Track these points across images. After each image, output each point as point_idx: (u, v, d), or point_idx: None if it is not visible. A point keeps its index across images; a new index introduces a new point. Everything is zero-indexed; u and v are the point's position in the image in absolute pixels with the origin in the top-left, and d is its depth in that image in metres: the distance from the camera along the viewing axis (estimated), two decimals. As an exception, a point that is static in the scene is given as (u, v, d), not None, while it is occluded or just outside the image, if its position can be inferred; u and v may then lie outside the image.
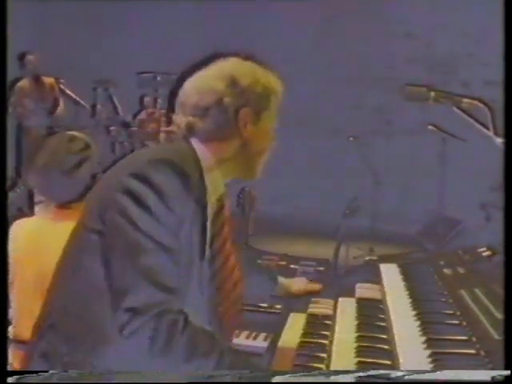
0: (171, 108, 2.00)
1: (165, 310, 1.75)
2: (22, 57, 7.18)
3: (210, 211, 1.91)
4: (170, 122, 2.01)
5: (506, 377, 1.63)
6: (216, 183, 1.94)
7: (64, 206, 2.62)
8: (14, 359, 2.50)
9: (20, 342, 2.46)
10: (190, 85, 1.95)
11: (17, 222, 2.68)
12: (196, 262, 1.87)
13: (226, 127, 1.91)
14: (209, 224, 1.90)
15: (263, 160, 2.03)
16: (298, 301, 2.61)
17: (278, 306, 2.88)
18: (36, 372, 1.84)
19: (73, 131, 2.77)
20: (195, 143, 1.92)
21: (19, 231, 2.61)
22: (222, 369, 1.77)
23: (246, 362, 1.84)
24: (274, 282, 2.54)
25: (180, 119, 1.95)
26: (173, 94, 1.99)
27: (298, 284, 2.60)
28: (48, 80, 7.40)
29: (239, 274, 2.04)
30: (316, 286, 2.60)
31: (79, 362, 1.83)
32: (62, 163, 2.57)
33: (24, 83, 7.25)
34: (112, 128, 7.78)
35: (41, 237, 2.57)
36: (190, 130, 1.92)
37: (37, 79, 7.31)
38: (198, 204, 1.85)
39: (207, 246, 1.90)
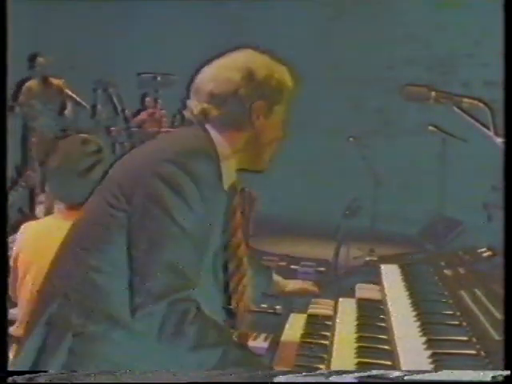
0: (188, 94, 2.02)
1: (180, 298, 1.77)
2: (32, 58, 7.23)
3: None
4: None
5: (506, 377, 1.63)
6: (230, 172, 1.97)
7: (76, 207, 2.63)
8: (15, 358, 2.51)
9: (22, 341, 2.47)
10: (206, 72, 1.98)
11: (27, 223, 2.70)
12: (212, 250, 1.90)
13: (239, 118, 1.95)
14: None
15: (272, 152, 2.07)
16: (298, 301, 2.61)
17: (278, 307, 2.88)
18: (36, 372, 1.85)
19: (85, 134, 2.81)
20: (211, 130, 1.95)
21: (29, 233, 2.62)
22: (225, 362, 1.78)
23: (250, 359, 1.85)
24: (269, 279, 2.53)
25: (194, 104, 1.97)
26: (191, 82, 2.02)
27: (293, 284, 2.59)
28: (56, 81, 7.42)
29: (246, 265, 2.07)
30: (312, 287, 2.58)
31: (89, 333, 1.83)
32: (76, 165, 2.59)
33: (32, 84, 7.27)
34: (112, 129, 7.79)
35: (51, 238, 2.58)
36: (205, 116, 1.95)
37: (45, 80, 7.34)
38: (221, 190, 1.91)
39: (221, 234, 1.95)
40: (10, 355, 2.43)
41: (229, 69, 1.96)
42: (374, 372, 1.77)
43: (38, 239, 2.55)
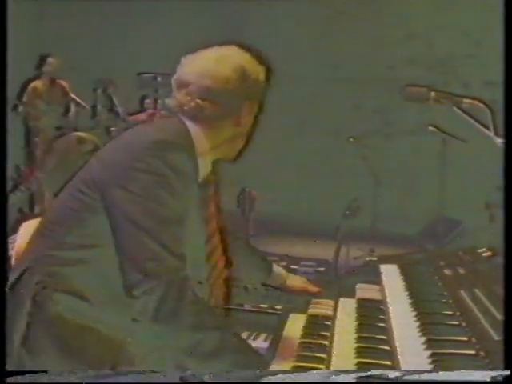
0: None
1: (176, 277, 1.82)
2: (43, 59, 7.26)
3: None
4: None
5: (506, 377, 1.63)
6: (205, 165, 2.03)
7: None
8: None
9: None
10: (195, 65, 2.01)
11: (25, 222, 2.70)
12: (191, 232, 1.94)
13: (229, 116, 2.01)
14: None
15: (243, 144, 2.14)
16: (298, 301, 2.61)
17: (278, 307, 2.88)
18: (36, 372, 1.85)
19: (81, 132, 2.81)
20: (191, 126, 1.99)
21: (28, 232, 2.62)
22: (222, 349, 1.79)
23: (247, 348, 1.87)
24: (268, 270, 2.54)
25: (184, 98, 1.99)
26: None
27: (295, 279, 2.61)
28: (61, 83, 7.44)
29: (220, 254, 2.14)
30: (314, 287, 2.59)
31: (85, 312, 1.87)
32: (73, 164, 2.60)
33: (38, 84, 7.29)
34: (112, 129, 7.78)
35: None
36: (198, 112, 1.98)
37: (51, 81, 7.35)
38: (195, 181, 1.96)
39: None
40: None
41: (226, 67, 2.00)
42: (374, 372, 1.78)
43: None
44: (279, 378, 1.83)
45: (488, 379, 1.62)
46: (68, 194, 1.99)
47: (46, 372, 1.85)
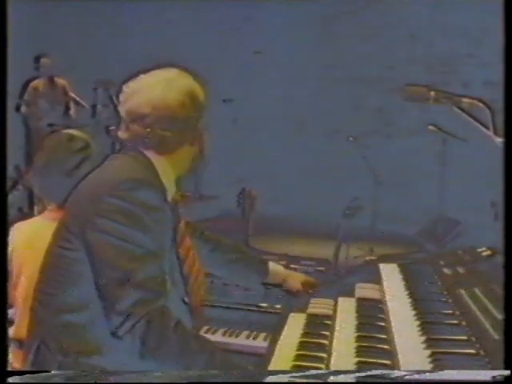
0: (118, 115, 2.09)
1: (154, 309, 1.83)
2: (36, 59, 7.27)
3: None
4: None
5: (506, 377, 1.63)
6: (170, 183, 2.06)
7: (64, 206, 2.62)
8: (14, 359, 2.51)
9: (21, 342, 2.47)
10: (144, 94, 2.02)
11: (17, 224, 2.69)
12: (168, 260, 1.98)
13: (186, 138, 2.05)
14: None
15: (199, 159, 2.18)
16: (298, 301, 2.60)
17: (278, 306, 2.88)
18: (36, 372, 1.85)
19: (72, 130, 2.77)
20: (153, 157, 2.02)
21: (19, 233, 2.61)
22: (211, 368, 1.81)
23: (236, 363, 1.88)
24: (264, 270, 2.56)
25: (137, 129, 2.01)
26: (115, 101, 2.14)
27: (294, 276, 2.64)
28: (61, 82, 7.44)
29: (199, 265, 2.18)
30: (314, 280, 2.63)
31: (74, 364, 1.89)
32: (62, 163, 2.57)
33: (38, 84, 7.31)
34: (112, 128, 7.78)
35: (40, 237, 2.57)
36: (163, 142, 2.01)
37: (51, 81, 7.36)
38: (168, 208, 1.99)
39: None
40: (10, 357, 2.44)
41: (176, 93, 2.02)
42: (374, 372, 1.78)
43: (29, 240, 2.55)
44: (279, 377, 1.83)
45: (488, 378, 1.62)
46: (53, 256, 2.00)
47: (45, 372, 1.85)
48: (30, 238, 2.57)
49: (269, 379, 1.82)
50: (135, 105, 2.01)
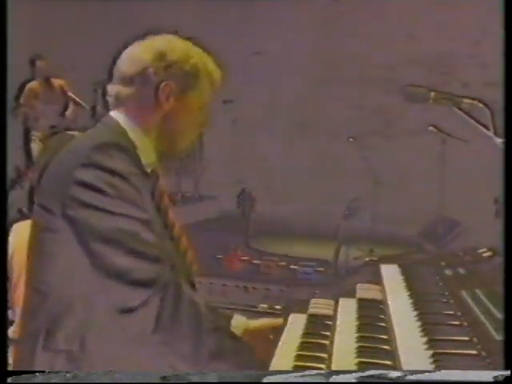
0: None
1: (167, 282, 1.78)
2: (32, 61, 7.27)
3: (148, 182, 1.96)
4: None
5: (506, 377, 1.63)
6: (147, 153, 1.97)
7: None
8: (15, 359, 2.52)
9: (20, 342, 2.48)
10: (123, 54, 2.03)
11: (16, 224, 2.69)
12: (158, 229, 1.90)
13: (147, 98, 1.96)
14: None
15: (189, 138, 2.06)
16: (298, 302, 2.60)
17: (278, 307, 2.88)
18: (36, 372, 1.84)
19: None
20: (118, 116, 1.97)
21: (20, 233, 2.62)
22: (222, 351, 1.78)
23: (246, 348, 1.88)
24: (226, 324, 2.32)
25: (111, 88, 2.01)
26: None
27: (257, 322, 2.42)
28: (58, 82, 7.45)
29: (186, 243, 2.08)
30: (277, 320, 2.42)
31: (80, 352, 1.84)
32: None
33: (34, 85, 7.32)
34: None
35: None
36: (117, 98, 1.98)
37: (47, 82, 7.37)
38: (143, 175, 1.91)
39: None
40: (10, 358, 2.44)
41: (142, 51, 1.99)
42: (375, 372, 1.77)
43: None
44: (279, 378, 1.83)
45: (490, 379, 1.62)
46: (36, 243, 1.93)
47: (45, 372, 1.84)
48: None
49: (269, 379, 1.81)
50: (115, 66, 2.03)
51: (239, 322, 2.35)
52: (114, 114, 1.98)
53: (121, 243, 1.78)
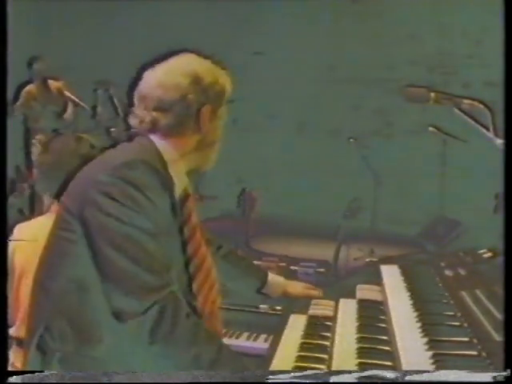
0: (131, 101, 2.05)
1: (167, 296, 1.80)
2: (29, 64, 7.27)
3: (178, 202, 1.98)
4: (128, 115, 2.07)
5: (506, 377, 1.63)
6: (180, 176, 2.01)
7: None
8: (15, 358, 2.52)
9: (22, 341, 2.48)
10: (151, 78, 2.01)
11: (19, 224, 2.70)
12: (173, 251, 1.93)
13: (188, 123, 1.99)
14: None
15: (216, 151, 2.11)
16: (298, 302, 2.60)
17: (279, 308, 2.88)
18: (36, 372, 1.85)
19: (78, 133, 2.84)
20: (155, 139, 1.98)
21: (22, 233, 2.63)
22: (218, 363, 1.79)
23: (241, 361, 1.87)
24: (262, 280, 2.50)
25: (142, 113, 1.99)
26: (131, 88, 2.06)
27: (295, 286, 2.56)
28: (56, 83, 7.45)
29: (210, 264, 2.10)
30: (315, 291, 2.54)
31: (74, 354, 1.86)
32: (69, 164, 2.59)
33: (32, 87, 7.31)
34: (112, 129, 7.77)
35: (44, 236, 2.60)
36: (155, 125, 1.98)
37: (44, 83, 7.36)
38: (170, 196, 1.94)
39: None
40: (11, 357, 2.44)
41: (176, 74, 1.99)
42: (375, 372, 1.77)
43: (33, 239, 2.56)
44: (280, 378, 1.83)
45: (489, 380, 1.62)
46: (52, 240, 1.97)
47: (45, 372, 1.84)
48: (34, 237, 2.57)
49: (270, 380, 1.82)
50: (141, 88, 2.01)
51: (277, 281, 2.47)
52: (152, 137, 1.99)
53: (127, 252, 1.81)
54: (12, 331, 2.52)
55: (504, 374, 1.64)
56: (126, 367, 1.84)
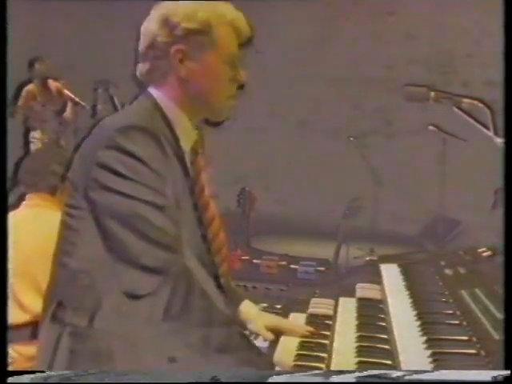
0: None
1: (178, 272, 1.76)
2: (31, 63, 7.27)
3: (186, 160, 1.91)
4: None
5: (506, 377, 1.63)
6: (187, 130, 1.93)
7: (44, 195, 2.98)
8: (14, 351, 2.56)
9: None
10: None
11: (12, 212, 2.85)
12: (183, 214, 1.86)
13: (162, 67, 1.89)
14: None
15: (221, 98, 1.95)
16: (298, 301, 2.61)
17: (278, 306, 2.87)
18: (35, 372, 1.85)
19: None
20: (152, 91, 1.92)
21: (17, 222, 2.72)
22: (228, 345, 1.77)
23: (252, 345, 1.87)
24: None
25: (137, 67, 1.96)
26: None
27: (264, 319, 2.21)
28: (55, 83, 7.45)
29: (220, 222, 2.02)
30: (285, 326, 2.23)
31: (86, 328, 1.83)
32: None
33: (31, 87, 7.32)
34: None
35: (21, 230, 2.78)
36: (141, 76, 1.94)
37: (44, 83, 7.37)
38: (175, 157, 1.87)
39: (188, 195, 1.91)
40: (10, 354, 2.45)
41: (148, 21, 1.93)
42: (374, 372, 1.77)
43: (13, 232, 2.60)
44: (279, 377, 1.83)
45: (489, 379, 1.62)
46: (65, 217, 1.92)
47: (45, 372, 1.85)
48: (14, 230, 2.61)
49: (269, 379, 1.82)
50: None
51: (248, 310, 2.19)
52: (150, 90, 1.93)
53: (134, 227, 1.76)
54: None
55: (503, 373, 1.64)
56: (135, 343, 1.80)
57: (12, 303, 2.65)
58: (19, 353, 2.66)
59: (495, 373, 1.64)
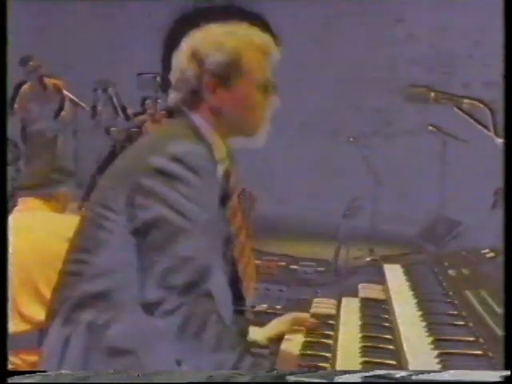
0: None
1: (201, 294, 1.76)
2: (24, 63, 7.23)
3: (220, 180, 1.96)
4: None
5: (506, 377, 1.63)
6: (222, 150, 1.99)
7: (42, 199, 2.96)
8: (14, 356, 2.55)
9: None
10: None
11: (21, 198, 2.89)
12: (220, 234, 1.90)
13: (195, 98, 1.93)
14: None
15: (256, 118, 2.04)
16: (298, 302, 2.60)
17: (278, 307, 2.87)
18: (35, 372, 1.84)
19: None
20: (193, 117, 1.94)
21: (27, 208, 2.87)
22: (241, 367, 1.77)
23: (263, 364, 1.84)
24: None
25: (171, 95, 1.99)
26: None
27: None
28: (53, 82, 7.42)
29: (247, 258, 2.07)
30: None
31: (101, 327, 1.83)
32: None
33: (28, 87, 7.28)
34: (112, 129, 7.77)
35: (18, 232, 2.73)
36: (175, 105, 1.96)
37: (41, 82, 7.33)
38: (218, 182, 1.93)
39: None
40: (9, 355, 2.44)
41: (177, 56, 1.96)
42: (380, 371, 1.77)
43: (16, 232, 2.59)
44: (282, 378, 1.82)
45: (495, 379, 1.62)
46: (87, 226, 1.93)
47: (45, 372, 1.84)
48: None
49: (271, 380, 1.81)
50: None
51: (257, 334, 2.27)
52: (192, 115, 1.96)
53: (171, 242, 1.76)
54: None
55: (505, 373, 1.64)
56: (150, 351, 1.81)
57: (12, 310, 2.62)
58: (21, 359, 2.64)
59: (502, 373, 1.64)
